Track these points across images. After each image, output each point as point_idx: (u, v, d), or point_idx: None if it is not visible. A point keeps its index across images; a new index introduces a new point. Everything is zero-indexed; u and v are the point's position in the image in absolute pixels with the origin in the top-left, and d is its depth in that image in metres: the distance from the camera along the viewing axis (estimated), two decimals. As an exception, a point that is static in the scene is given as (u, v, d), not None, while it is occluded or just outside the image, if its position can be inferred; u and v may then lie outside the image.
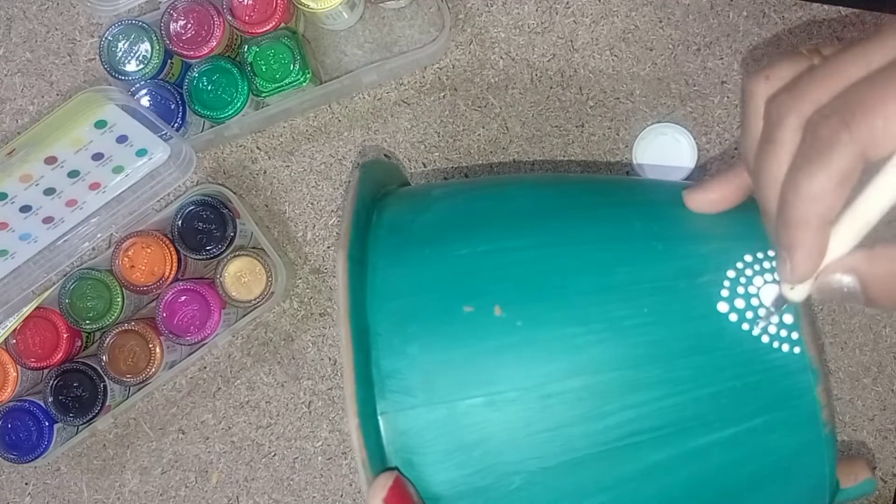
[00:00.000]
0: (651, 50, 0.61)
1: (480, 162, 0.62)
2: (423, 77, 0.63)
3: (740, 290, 0.36)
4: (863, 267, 0.31)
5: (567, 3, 0.62)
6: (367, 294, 0.37)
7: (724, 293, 0.36)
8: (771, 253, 0.37)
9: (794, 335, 0.36)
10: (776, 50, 0.60)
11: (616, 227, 0.38)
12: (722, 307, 0.35)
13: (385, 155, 0.49)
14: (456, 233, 0.39)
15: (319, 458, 0.63)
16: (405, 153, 0.63)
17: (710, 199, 0.37)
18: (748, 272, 0.36)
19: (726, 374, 0.35)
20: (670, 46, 0.61)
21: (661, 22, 0.61)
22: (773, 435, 0.36)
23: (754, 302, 0.35)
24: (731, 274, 0.36)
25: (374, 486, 0.34)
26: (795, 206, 0.30)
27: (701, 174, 0.60)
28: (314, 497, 0.63)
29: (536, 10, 0.62)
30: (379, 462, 0.35)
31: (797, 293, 0.34)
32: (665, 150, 0.60)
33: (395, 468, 0.35)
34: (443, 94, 0.63)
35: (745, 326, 0.35)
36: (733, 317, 0.35)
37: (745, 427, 0.36)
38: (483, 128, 0.62)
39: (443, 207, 0.41)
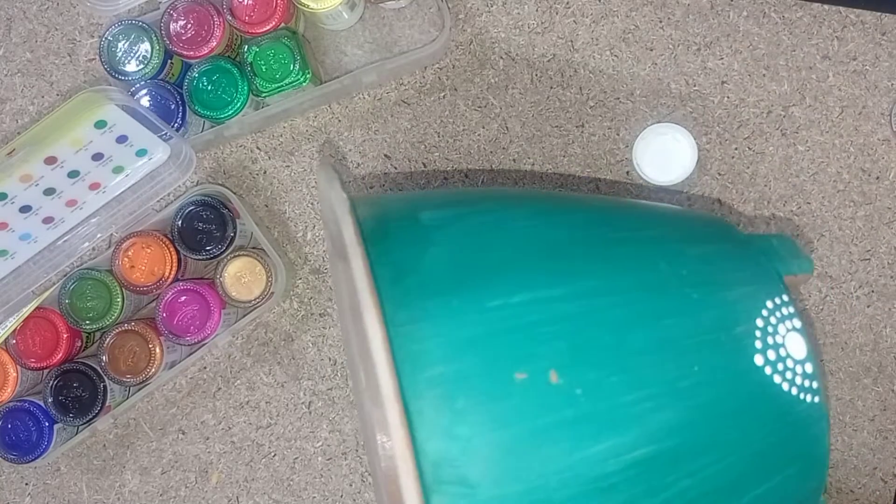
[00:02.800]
0: (651, 50, 0.61)
1: (481, 162, 0.62)
2: (424, 77, 0.63)
3: (770, 340, 0.35)
4: None
5: (567, 3, 0.62)
6: (397, 360, 0.31)
7: (758, 344, 0.35)
8: (786, 297, 0.36)
9: (815, 384, 0.35)
10: (777, 50, 0.60)
11: (648, 272, 0.35)
12: (758, 360, 0.35)
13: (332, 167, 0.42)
14: (476, 276, 0.34)
15: (319, 458, 0.63)
16: (405, 153, 0.63)
17: None
18: (772, 320, 0.36)
19: (767, 430, 0.35)
20: (670, 46, 0.61)
21: (661, 22, 0.61)
22: (795, 484, 0.36)
23: (783, 353, 0.35)
24: (759, 323, 0.35)
25: None
26: None
27: (701, 174, 0.60)
28: (314, 497, 0.63)
29: (536, 10, 0.62)
30: None
31: None
32: (665, 150, 0.60)
33: None
34: (443, 94, 0.63)
35: (777, 379, 0.35)
36: (768, 370, 0.35)
37: (777, 480, 0.35)
38: (483, 128, 0.62)
39: (446, 240, 0.36)
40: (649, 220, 0.41)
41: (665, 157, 0.59)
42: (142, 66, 0.60)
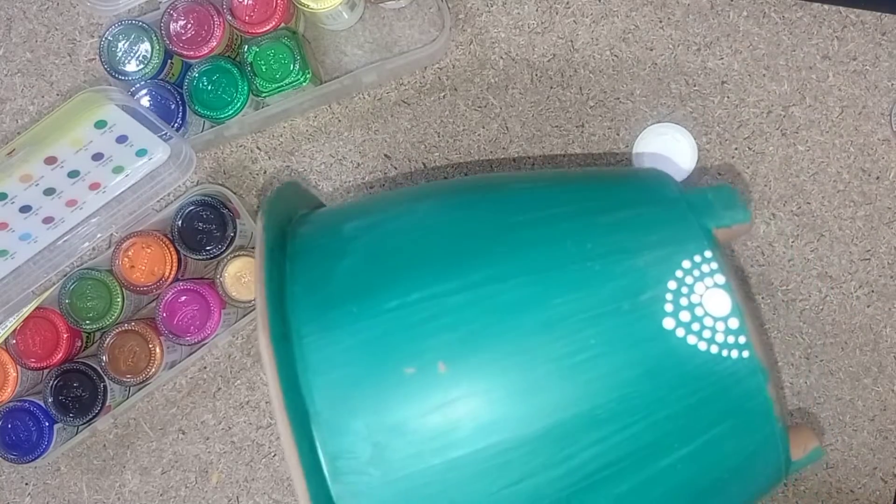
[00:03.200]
0: (651, 50, 0.61)
1: (480, 162, 0.62)
2: (424, 77, 0.63)
3: (683, 301, 0.35)
4: None
5: (567, 3, 0.62)
6: (299, 370, 0.34)
7: (669, 308, 0.35)
8: (708, 254, 0.36)
9: (742, 339, 0.35)
10: (777, 50, 0.60)
11: (548, 252, 0.36)
12: (668, 323, 0.35)
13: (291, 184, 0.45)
14: (380, 281, 0.36)
15: (319, 458, 0.63)
16: (405, 153, 0.63)
17: None
18: (688, 280, 0.35)
19: (680, 394, 0.35)
20: (670, 46, 0.61)
21: (661, 22, 0.61)
22: (732, 440, 0.36)
23: (699, 312, 0.35)
24: (672, 285, 0.35)
25: None
26: None
27: (701, 174, 0.60)
28: (314, 497, 0.63)
29: (536, 10, 0.62)
30: None
31: None
32: (665, 150, 0.60)
33: None
34: (443, 94, 0.63)
35: (692, 340, 0.35)
36: (680, 332, 0.35)
37: (704, 439, 0.35)
38: (483, 128, 0.62)
39: (358, 249, 0.38)
40: (570, 194, 0.40)
41: (665, 157, 0.60)
42: (142, 65, 0.60)
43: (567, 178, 0.43)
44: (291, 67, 0.59)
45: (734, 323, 0.35)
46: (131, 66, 0.60)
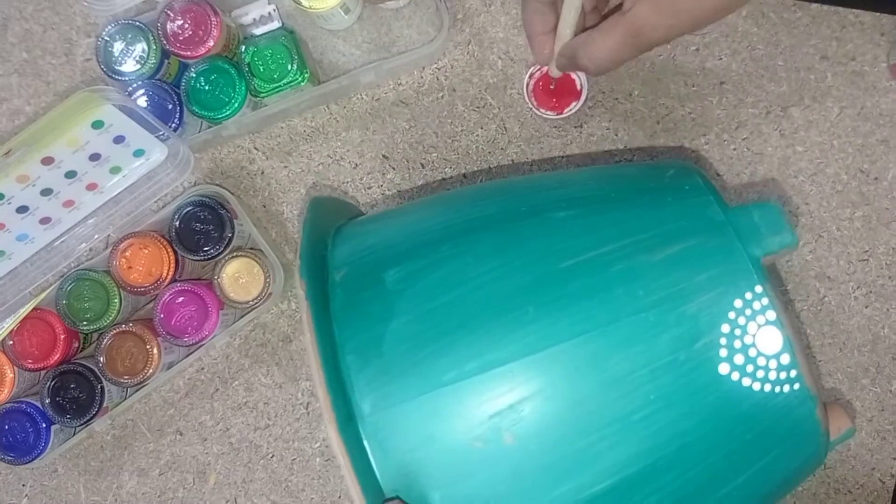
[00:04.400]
0: (650, 50, 0.61)
1: (479, 162, 0.62)
2: (422, 77, 0.63)
3: (737, 343, 0.35)
4: (579, 50, 0.46)
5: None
6: (370, 449, 0.35)
7: (723, 353, 0.35)
8: (759, 289, 0.35)
9: (793, 373, 0.35)
10: (776, 50, 0.60)
11: (601, 304, 0.35)
12: (723, 369, 0.34)
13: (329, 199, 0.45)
14: (432, 348, 0.35)
15: (318, 459, 0.63)
16: (403, 153, 0.63)
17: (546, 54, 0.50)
18: (741, 321, 0.35)
19: (735, 434, 0.35)
20: (669, 47, 0.61)
21: (659, 22, 0.61)
22: (783, 461, 0.36)
23: (752, 353, 0.35)
24: (725, 329, 0.35)
25: None
26: (525, 27, 0.51)
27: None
28: (312, 499, 0.62)
29: (535, 10, 0.62)
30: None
31: (552, 70, 0.52)
32: (664, 150, 0.59)
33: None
34: (441, 94, 0.62)
35: (747, 382, 0.35)
36: (735, 376, 0.35)
37: (757, 467, 0.36)
38: (482, 128, 0.62)
39: (406, 309, 0.37)
40: (615, 226, 0.39)
41: (664, 157, 0.59)
42: (139, 66, 0.60)
43: (611, 199, 0.42)
44: (289, 67, 0.59)
45: (786, 359, 0.35)
46: (128, 66, 0.60)
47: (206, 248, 0.60)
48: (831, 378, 0.59)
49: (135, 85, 0.60)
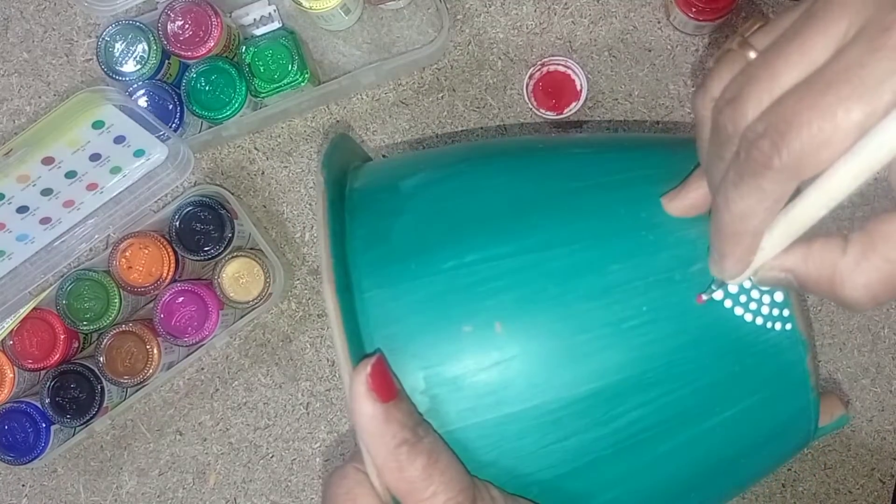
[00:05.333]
0: (650, 51, 0.61)
1: (479, 163, 0.62)
2: (422, 78, 0.63)
3: None
4: (799, 266, 0.32)
5: (565, 3, 0.62)
6: (361, 323, 0.35)
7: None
8: None
9: (786, 312, 0.36)
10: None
11: (603, 219, 0.37)
12: (717, 294, 0.35)
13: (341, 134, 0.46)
14: (437, 239, 0.37)
15: (318, 459, 0.63)
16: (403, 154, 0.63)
17: (687, 205, 0.36)
18: None
19: (724, 362, 0.36)
20: (669, 47, 0.61)
21: (659, 23, 0.61)
22: (769, 408, 0.37)
23: (746, 284, 0.35)
24: None
25: (357, 368, 0.32)
26: (726, 220, 0.30)
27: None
28: (312, 499, 0.62)
29: (535, 10, 0.62)
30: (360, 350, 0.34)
31: (735, 277, 0.34)
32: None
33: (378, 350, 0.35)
34: (441, 94, 0.63)
35: (739, 311, 0.36)
36: (728, 303, 0.35)
37: (743, 406, 0.36)
38: (482, 129, 0.62)
39: (416, 207, 0.39)
40: (625, 162, 0.41)
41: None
42: (139, 66, 0.60)
43: (623, 145, 0.44)
44: (290, 68, 0.59)
45: (779, 296, 0.36)
46: (129, 67, 0.60)
47: (206, 248, 0.60)
48: (831, 378, 0.59)
49: (135, 85, 0.60)
